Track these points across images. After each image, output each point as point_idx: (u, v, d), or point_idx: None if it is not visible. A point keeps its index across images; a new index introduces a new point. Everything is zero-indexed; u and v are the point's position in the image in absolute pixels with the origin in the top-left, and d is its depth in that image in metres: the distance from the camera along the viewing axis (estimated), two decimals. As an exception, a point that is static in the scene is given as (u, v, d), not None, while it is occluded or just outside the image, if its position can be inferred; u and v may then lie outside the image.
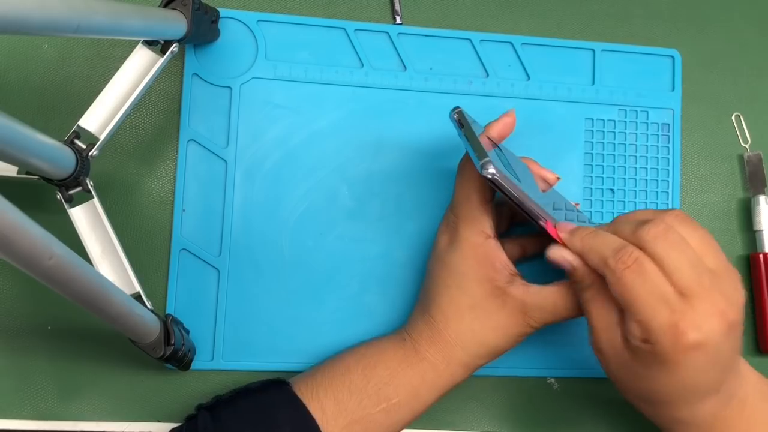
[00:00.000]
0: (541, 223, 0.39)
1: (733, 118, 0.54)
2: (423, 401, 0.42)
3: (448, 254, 0.42)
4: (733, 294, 0.34)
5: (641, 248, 0.34)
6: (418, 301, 0.45)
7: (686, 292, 0.33)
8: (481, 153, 0.37)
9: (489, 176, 0.37)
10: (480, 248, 0.41)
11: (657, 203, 0.52)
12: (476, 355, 0.42)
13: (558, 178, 0.44)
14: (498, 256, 0.41)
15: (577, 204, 0.47)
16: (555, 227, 0.39)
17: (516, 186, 0.38)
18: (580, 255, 0.37)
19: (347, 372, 0.42)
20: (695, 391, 0.36)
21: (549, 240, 0.39)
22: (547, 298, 0.40)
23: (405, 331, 0.44)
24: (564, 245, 0.38)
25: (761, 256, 0.52)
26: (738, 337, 0.35)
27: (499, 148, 0.42)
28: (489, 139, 0.42)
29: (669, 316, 0.33)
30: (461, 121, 0.40)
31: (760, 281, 0.51)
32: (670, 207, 0.52)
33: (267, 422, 0.40)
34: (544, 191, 0.43)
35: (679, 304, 0.33)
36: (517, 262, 0.44)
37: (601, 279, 0.36)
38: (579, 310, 0.39)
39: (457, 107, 0.41)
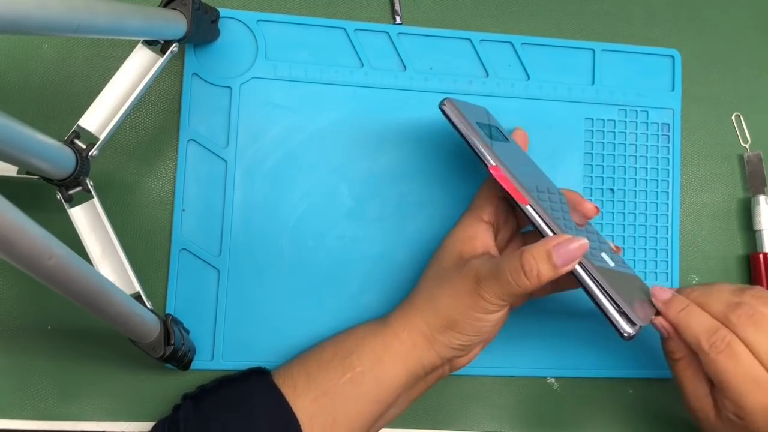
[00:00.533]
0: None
1: (733, 118, 0.54)
2: (388, 370, 0.41)
3: (446, 237, 0.43)
4: None
5: (732, 331, 0.37)
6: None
7: None
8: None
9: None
10: (470, 228, 0.42)
11: (657, 203, 0.52)
12: (433, 326, 0.40)
13: (596, 209, 0.43)
14: (482, 238, 0.41)
15: (618, 249, 0.44)
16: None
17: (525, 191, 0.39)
18: (674, 327, 0.39)
19: (321, 349, 0.43)
20: None
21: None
22: (494, 262, 0.38)
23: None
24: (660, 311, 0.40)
25: (761, 256, 0.52)
26: None
27: (504, 136, 0.43)
28: (489, 116, 0.43)
29: (762, 399, 0.35)
30: (450, 114, 0.41)
31: (760, 281, 0.52)
32: (670, 207, 0.52)
33: (244, 410, 0.40)
34: (580, 226, 0.42)
35: None
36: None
37: (692, 352, 0.39)
38: (523, 283, 0.37)
39: (446, 98, 0.41)
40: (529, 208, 0.39)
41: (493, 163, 0.40)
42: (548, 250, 0.37)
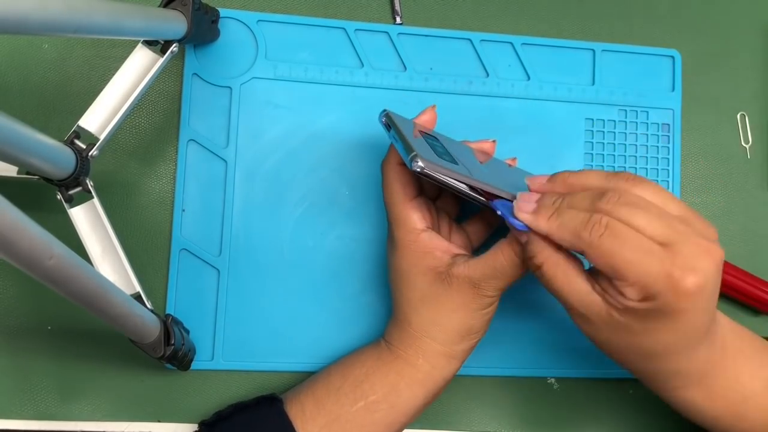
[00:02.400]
0: (489, 204, 0.37)
1: (735, 117, 0.54)
2: (404, 397, 0.41)
3: (391, 257, 0.43)
4: (708, 231, 0.34)
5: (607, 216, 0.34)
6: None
7: (666, 241, 0.32)
8: (409, 149, 0.36)
9: (418, 170, 0.35)
10: (413, 244, 0.41)
11: (657, 203, 0.52)
12: (448, 342, 0.41)
13: (494, 142, 0.43)
14: (436, 245, 0.41)
15: (513, 160, 0.44)
16: (513, 205, 0.37)
17: (453, 172, 0.36)
18: (548, 236, 0.35)
19: (327, 375, 0.43)
20: (695, 336, 0.35)
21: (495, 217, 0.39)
22: (488, 264, 0.39)
23: (382, 337, 0.45)
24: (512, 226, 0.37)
25: None
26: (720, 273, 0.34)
27: (434, 136, 0.41)
28: (419, 128, 0.41)
29: (660, 267, 0.32)
30: (389, 124, 0.39)
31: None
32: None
33: None
34: (482, 162, 0.41)
35: (665, 253, 0.32)
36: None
37: (555, 250, 0.36)
38: (524, 266, 0.38)
39: (385, 110, 0.40)
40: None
41: (510, 198, 0.38)
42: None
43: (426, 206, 0.42)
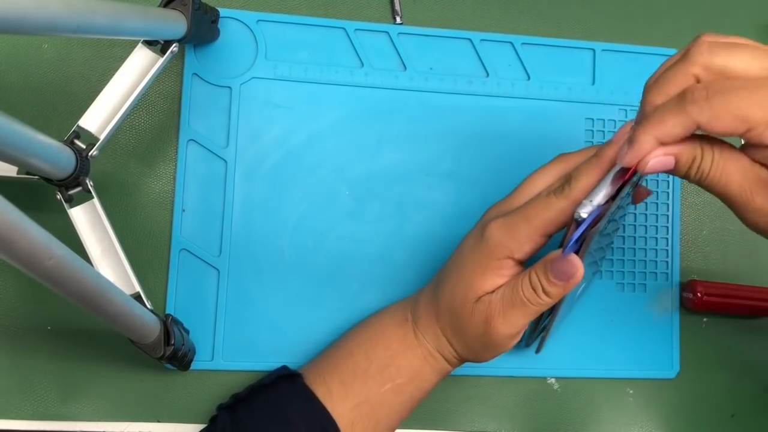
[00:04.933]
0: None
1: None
2: (429, 380, 0.42)
3: (464, 257, 0.39)
4: None
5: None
6: (435, 276, 0.43)
7: None
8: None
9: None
10: (495, 262, 0.37)
11: (657, 203, 0.52)
12: (462, 353, 0.41)
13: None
14: (505, 276, 0.38)
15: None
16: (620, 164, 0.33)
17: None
18: (663, 141, 0.31)
19: (350, 356, 0.43)
20: None
21: None
22: (499, 296, 0.37)
23: (409, 309, 0.43)
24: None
25: None
26: None
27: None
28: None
29: None
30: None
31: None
32: (670, 207, 0.52)
33: (279, 416, 0.40)
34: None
35: None
36: None
37: (702, 145, 0.31)
38: (543, 300, 0.36)
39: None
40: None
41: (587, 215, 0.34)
42: (545, 265, 0.35)
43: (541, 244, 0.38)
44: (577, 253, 0.35)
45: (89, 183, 0.40)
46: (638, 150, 0.31)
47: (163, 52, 0.42)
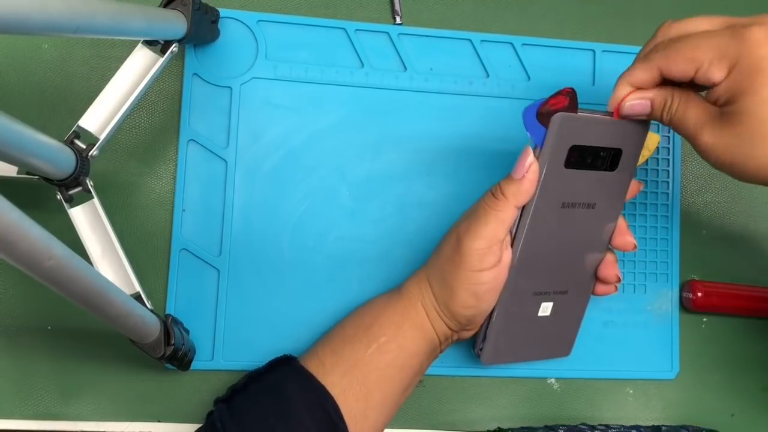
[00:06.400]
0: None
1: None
2: (408, 337, 0.42)
3: (472, 224, 0.41)
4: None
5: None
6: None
7: (722, 26, 0.36)
8: None
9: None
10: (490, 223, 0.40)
11: (657, 204, 0.52)
12: (440, 298, 0.42)
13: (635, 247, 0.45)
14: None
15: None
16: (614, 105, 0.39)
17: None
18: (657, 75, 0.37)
19: (342, 327, 0.44)
20: None
21: None
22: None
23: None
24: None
25: None
26: None
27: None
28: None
29: (726, 34, 0.34)
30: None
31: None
32: (670, 207, 0.52)
33: (277, 399, 0.41)
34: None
35: (725, 29, 0.35)
36: None
37: (676, 92, 0.37)
38: (500, 203, 0.40)
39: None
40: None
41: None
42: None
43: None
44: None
45: (89, 183, 0.40)
46: (616, 94, 0.38)
47: (163, 52, 0.42)
